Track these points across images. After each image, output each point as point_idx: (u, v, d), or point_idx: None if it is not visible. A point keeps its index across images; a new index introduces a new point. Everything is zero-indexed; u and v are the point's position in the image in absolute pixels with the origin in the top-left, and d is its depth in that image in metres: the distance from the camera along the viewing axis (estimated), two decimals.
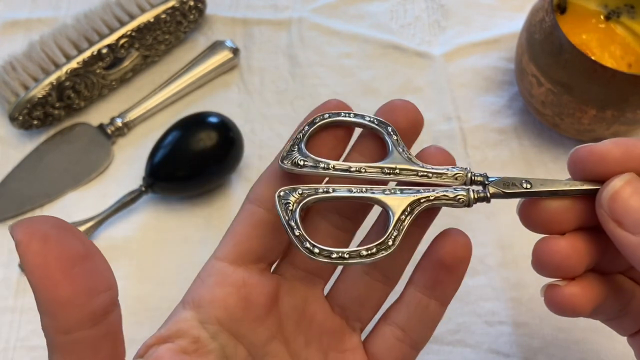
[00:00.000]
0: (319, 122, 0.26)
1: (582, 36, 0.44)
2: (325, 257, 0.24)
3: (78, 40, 0.46)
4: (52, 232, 0.20)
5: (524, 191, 0.24)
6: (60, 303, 0.20)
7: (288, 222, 0.24)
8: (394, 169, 0.25)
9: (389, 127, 0.26)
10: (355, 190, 0.25)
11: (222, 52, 0.49)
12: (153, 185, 0.43)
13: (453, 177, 0.25)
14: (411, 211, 0.24)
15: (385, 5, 0.53)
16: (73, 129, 0.47)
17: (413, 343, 0.28)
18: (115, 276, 0.44)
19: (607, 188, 0.23)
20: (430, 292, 0.27)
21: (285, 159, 0.25)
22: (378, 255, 0.24)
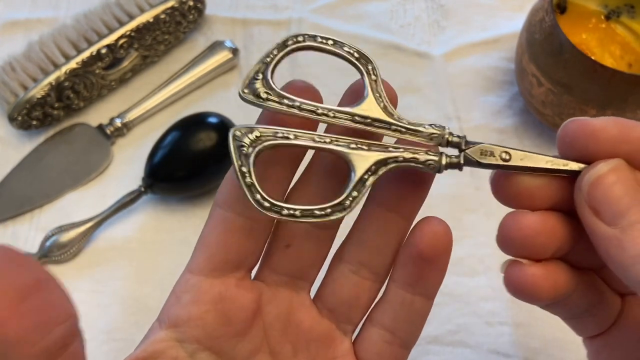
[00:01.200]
0: (291, 46, 0.23)
1: (582, 36, 0.44)
2: (275, 213, 0.21)
3: (77, 41, 0.46)
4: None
5: (501, 164, 0.22)
6: (10, 342, 0.18)
7: (240, 168, 0.21)
8: (366, 117, 0.23)
9: (370, 65, 0.23)
10: (319, 140, 0.22)
11: (222, 53, 0.49)
12: (152, 186, 0.43)
13: (428, 136, 0.23)
14: (375, 171, 0.22)
15: (385, 5, 0.53)
16: (72, 130, 0.47)
17: (403, 343, 0.26)
18: (115, 277, 0.44)
19: (590, 171, 0.21)
20: (414, 289, 0.25)
21: (247, 88, 0.22)
22: (332, 216, 0.22)
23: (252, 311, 0.25)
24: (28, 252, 0.42)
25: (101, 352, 0.40)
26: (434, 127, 0.23)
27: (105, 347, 0.40)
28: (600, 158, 0.21)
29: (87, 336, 0.43)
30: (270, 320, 0.26)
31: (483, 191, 0.45)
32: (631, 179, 0.21)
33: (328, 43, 0.23)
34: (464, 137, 0.23)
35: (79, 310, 0.20)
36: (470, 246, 0.43)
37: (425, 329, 0.40)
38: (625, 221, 0.20)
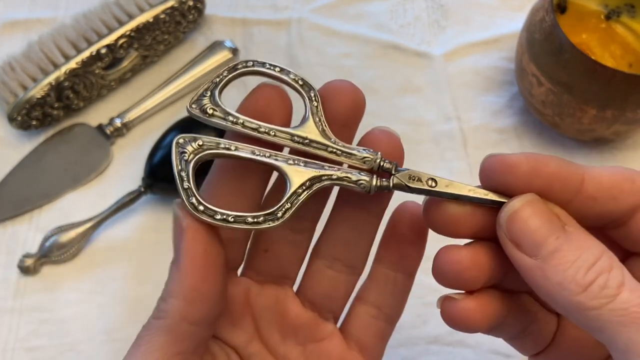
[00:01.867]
0: (240, 69, 0.25)
1: (582, 36, 0.44)
2: (208, 217, 0.23)
3: (77, 41, 0.46)
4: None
5: (427, 189, 0.24)
6: (202, 295, 0.22)
7: (179, 172, 0.23)
8: (304, 138, 0.24)
9: (312, 92, 0.25)
10: (259, 154, 0.24)
11: (222, 52, 0.49)
12: (152, 186, 0.43)
13: (361, 159, 0.24)
14: (310, 186, 0.23)
15: (385, 5, 0.53)
16: (72, 130, 0.47)
17: (387, 318, 0.28)
18: (115, 277, 0.44)
19: (506, 208, 0.23)
20: (396, 266, 0.27)
21: (195, 104, 0.24)
22: (264, 225, 0.23)
23: (241, 302, 0.27)
24: (28, 252, 0.42)
25: (101, 352, 0.40)
26: (367, 151, 0.24)
27: (105, 347, 0.40)
28: (516, 191, 0.23)
29: (87, 336, 0.43)
30: (259, 312, 0.28)
31: None
32: (545, 211, 0.22)
33: (275, 70, 0.25)
34: (395, 163, 0.24)
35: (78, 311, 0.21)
36: None
37: (425, 329, 0.41)
38: (544, 251, 0.21)
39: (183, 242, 0.22)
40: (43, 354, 0.40)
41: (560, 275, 0.21)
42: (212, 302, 0.23)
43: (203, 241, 0.23)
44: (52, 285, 0.42)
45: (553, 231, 0.22)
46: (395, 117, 0.48)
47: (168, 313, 0.23)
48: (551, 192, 0.23)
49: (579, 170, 0.23)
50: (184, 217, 0.23)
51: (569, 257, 0.21)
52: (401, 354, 0.40)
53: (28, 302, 0.41)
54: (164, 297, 0.23)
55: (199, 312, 0.23)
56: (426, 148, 0.47)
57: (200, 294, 0.23)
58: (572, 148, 0.46)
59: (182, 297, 0.22)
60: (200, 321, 0.23)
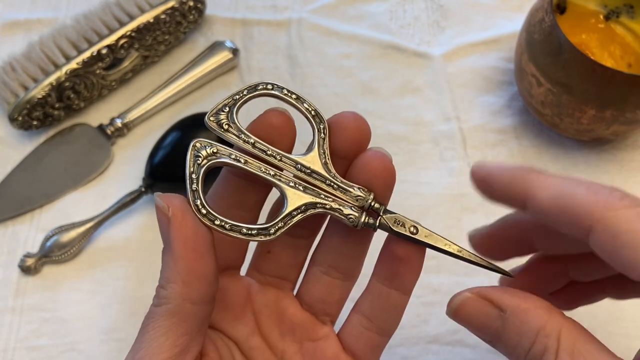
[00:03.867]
0: (260, 91, 0.26)
1: (581, 36, 0.44)
2: (208, 220, 0.24)
3: (77, 41, 0.46)
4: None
5: (408, 235, 0.26)
6: (199, 276, 0.24)
7: (191, 174, 0.24)
8: (307, 168, 0.25)
9: (322, 124, 0.26)
10: (264, 171, 0.25)
11: (222, 53, 0.49)
12: (153, 186, 0.43)
13: (354, 197, 0.26)
14: (304, 210, 0.25)
15: (384, 6, 0.53)
16: (73, 130, 0.47)
17: (380, 330, 0.29)
18: (116, 277, 0.44)
19: (447, 310, 0.26)
20: (390, 283, 0.27)
21: (213, 116, 0.25)
22: (257, 237, 0.25)
23: (243, 298, 0.29)
24: (28, 251, 0.42)
25: (101, 352, 0.40)
26: (362, 190, 0.26)
27: (105, 347, 0.40)
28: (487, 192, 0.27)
29: (87, 336, 0.43)
30: (259, 307, 0.29)
31: None
32: (476, 307, 0.25)
33: (292, 97, 0.26)
34: (384, 205, 0.26)
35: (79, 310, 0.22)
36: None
37: (424, 328, 0.41)
38: (491, 340, 0.25)
39: (172, 230, 0.23)
40: (43, 353, 0.40)
41: (511, 357, 0.24)
42: (209, 280, 0.24)
43: (191, 225, 0.24)
44: (52, 285, 0.42)
45: (490, 323, 0.24)
46: (395, 117, 0.48)
47: (169, 298, 0.24)
48: (507, 192, 0.26)
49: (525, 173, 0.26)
50: (169, 206, 0.24)
51: (509, 344, 0.24)
52: (401, 353, 0.40)
53: (29, 301, 0.41)
54: (162, 284, 0.24)
55: (198, 291, 0.24)
56: (426, 148, 0.47)
57: (196, 274, 0.24)
58: (571, 148, 0.46)
59: (181, 281, 0.24)
60: (200, 300, 0.24)
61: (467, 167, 0.46)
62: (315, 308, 0.29)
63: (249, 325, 0.29)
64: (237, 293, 0.29)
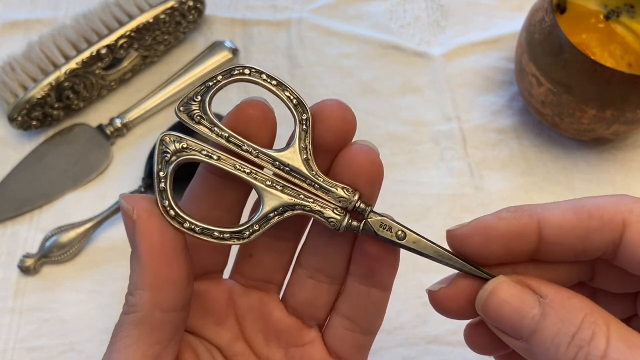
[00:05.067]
0: (236, 76, 0.23)
1: (581, 36, 0.44)
2: (177, 223, 0.22)
3: (77, 41, 0.46)
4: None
5: (393, 240, 0.23)
6: (168, 281, 0.22)
7: (158, 172, 0.22)
8: (286, 165, 0.23)
9: (305, 115, 0.23)
10: (239, 168, 0.23)
11: (222, 53, 0.49)
12: (152, 186, 0.43)
13: (337, 199, 0.23)
14: (282, 212, 0.23)
15: (384, 6, 0.53)
16: (72, 130, 0.47)
17: (364, 330, 0.28)
18: (115, 277, 0.44)
19: (477, 302, 0.23)
20: (368, 281, 0.26)
21: (183, 107, 0.23)
22: (229, 241, 0.23)
23: (225, 302, 0.27)
24: (28, 252, 0.42)
25: (101, 352, 0.40)
26: (346, 191, 0.23)
27: (105, 347, 0.40)
28: (481, 258, 0.23)
29: (87, 336, 0.43)
30: (243, 312, 0.28)
31: (482, 191, 0.45)
32: (515, 292, 0.22)
33: (272, 83, 0.23)
34: (370, 206, 0.24)
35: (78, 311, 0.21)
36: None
37: (424, 329, 0.41)
38: (525, 334, 0.21)
39: (137, 233, 0.22)
40: (43, 353, 0.40)
41: (544, 355, 0.21)
42: (180, 286, 0.23)
43: (157, 228, 0.22)
44: (52, 285, 0.42)
45: (528, 310, 0.22)
46: (395, 117, 0.48)
47: (138, 305, 0.22)
48: (512, 250, 0.23)
49: (532, 221, 0.23)
50: (133, 208, 0.22)
51: (548, 335, 0.21)
52: (401, 353, 0.40)
53: (28, 302, 0.41)
54: (130, 291, 0.23)
55: (167, 298, 0.23)
56: (426, 148, 0.47)
57: (165, 280, 0.22)
58: (572, 148, 0.46)
59: (148, 287, 0.22)
60: (171, 307, 0.23)
61: (467, 167, 0.46)
62: (300, 312, 0.28)
63: (231, 331, 0.27)
64: (219, 297, 0.27)
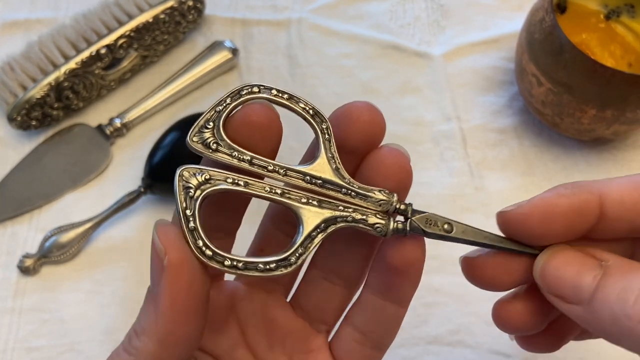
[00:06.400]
0: (245, 96, 0.22)
1: (582, 36, 0.44)
2: (217, 263, 0.21)
3: (76, 41, 0.46)
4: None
5: (442, 234, 0.23)
6: (181, 340, 0.21)
7: (184, 211, 0.21)
8: (318, 178, 0.22)
9: (324, 124, 0.23)
10: (270, 190, 0.22)
11: (221, 53, 0.49)
12: (152, 186, 0.43)
13: (377, 202, 0.22)
14: (325, 228, 0.22)
15: (384, 5, 0.53)
16: (71, 130, 0.47)
17: (374, 345, 0.26)
18: (115, 277, 0.44)
19: (535, 267, 0.23)
20: (385, 295, 0.25)
21: (196, 137, 0.22)
22: (276, 271, 0.21)
23: (226, 308, 0.26)
24: (27, 252, 0.42)
25: (101, 352, 0.40)
26: (383, 193, 0.23)
27: (105, 347, 0.40)
28: (538, 239, 0.23)
29: (86, 336, 0.43)
30: (245, 316, 0.26)
31: (482, 191, 0.45)
32: (574, 255, 0.22)
33: (283, 97, 0.23)
34: (410, 204, 0.23)
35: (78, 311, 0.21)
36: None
37: (425, 329, 0.40)
38: (586, 294, 0.21)
39: (163, 281, 0.20)
40: (43, 354, 0.40)
41: (609, 313, 0.20)
42: (190, 344, 0.22)
43: (186, 281, 0.20)
44: (52, 286, 0.42)
45: (589, 271, 0.21)
46: (395, 117, 0.48)
47: (139, 352, 0.21)
48: (571, 228, 0.22)
49: (593, 196, 0.22)
50: (166, 249, 0.20)
51: (612, 291, 0.20)
52: (401, 354, 0.40)
53: (28, 302, 0.41)
54: (136, 331, 0.22)
55: (173, 356, 0.21)
56: (426, 148, 0.47)
57: (177, 338, 0.21)
58: (572, 148, 0.46)
59: (157, 340, 0.21)
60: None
61: (468, 167, 0.46)
62: (311, 314, 0.27)
63: (232, 337, 0.26)
64: (219, 304, 0.26)
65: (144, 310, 0.22)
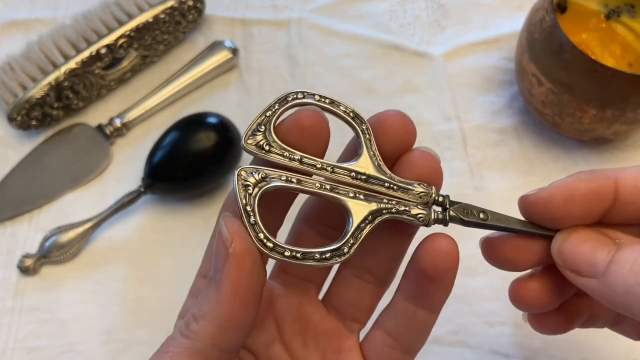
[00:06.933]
0: (292, 101, 0.24)
1: (582, 35, 0.44)
2: (277, 254, 0.23)
3: (76, 41, 0.46)
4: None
5: (479, 222, 0.25)
6: (238, 326, 0.22)
7: (244, 207, 0.22)
8: (363, 174, 0.24)
9: (364, 125, 0.25)
10: (321, 186, 0.24)
11: (221, 52, 0.49)
12: (152, 186, 0.43)
13: (417, 195, 0.24)
14: (372, 220, 0.24)
15: (384, 5, 0.53)
16: (71, 130, 0.47)
17: (404, 349, 0.27)
18: (115, 277, 0.44)
19: (554, 244, 0.24)
20: (417, 302, 0.26)
21: (250, 139, 0.24)
22: (331, 260, 0.23)
23: (265, 305, 0.27)
24: (27, 252, 0.42)
25: (101, 352, 0.40)
26: (422, 186, 0.24)
27: (105, 347, 0.40)
28: (559, 221, 0.24)
29: (86, 336, 0.43)
30: (282, 314, 0.28)
31: (483, 191, 0.45)
32: (591, 234, 0.23)
33: (325, 102, 0.25)
34: (448, 196, 0.25)
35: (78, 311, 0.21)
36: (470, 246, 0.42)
37: None
38: (601, 267, 0.22)
39: (227, 268, 0.22)
40: (43, 354, 0.40)
41: (622, 284, 0.21)
42: (245, 331, 0.23)
43: (248, 269, 0.22)
44: (51, 286, 0.42)
45: (604, 247, 0.23)
46: None
47: (198, 335, 0.22)
48: (589, 210, 0.24)
49: (609, 181, 0.24)
50: (232, 239, 0.22)
51: (625, 263, 0.22)
52: None
53: (28, 302, 0.41)
54: (195, 316, 0.23)
55: (230, 340, 0.22)
56: None
57: (235, 323, 0.22)
58: (572, 148, 0.46)
59: (217, 324, 0.22)
60: (231, 349, 0.23)
61: (468, 167, 0.46)
62: (343, 312, 0.28)
63: (269, 334, 0.27)
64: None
65: (204, 297, 0.23)
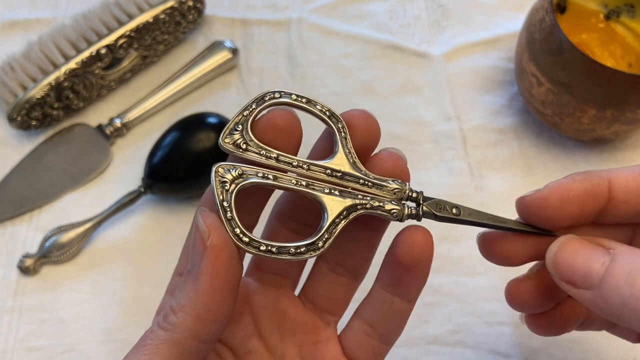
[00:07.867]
0: (268, 101, 0.25)
1: (582, 36, 0.44)
2: (253, 248, 0.23)
3: (77, 41, 0.46)
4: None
5: (452, 217, 0.25)
6: (215, 318, 0.23)
7: (221, 203, 0.23)
8: (338, 171, 0.25)
9: (340, 124, 0.25)
10: (297, 183, 0.24)
11: (221, 53, 0.49)
12: (152, 186, 0.43)
13: (391, 191, 0.25)
14: (347, 215, 0.24)
15: (384, 5, 0.53)
16: (72, 130, 0.47)
17: (382, 338, 0.28)
18: (115, 277, 0.44)
19: (547, 258, 0.24)
20: (394, 290, 0.27)
21: (227, 138, 0.24)
22: (306, 254, 0.24)
23: (241, 300, 0.28)
24: (27, 252, 0.42)
25: (101, 352, 0.40)
26: (396, 182, 0.25)
27: (105, 347, 0.40)
28: (554, 221, 0.25)
29: (86, 336, 0.43)
30: (258, 309, 0.28)
31: (482, 191, 0.45)
32: (584, 244, 0.24)
33: (302, 101, 0.25)
34: (421, 192, 0.26)
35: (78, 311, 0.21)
36: (470, 246, 0.43)
37: (425, 329, 0.40)
38: (595, 279, 0.22)
39: (205, 260, 0.22)
40: (43, 354, 0.40)
41: (617, 295, 0.21)
42: (224, 322, 0.23)
43: (225, 261, 0.22)
44: (52, 286, 0.42)
45: (597, 258, 0.23)
46: (395, 117, 0.48)
47: (177, 327, 0.23)
48: (584, 210, 0.24)
49: (603, 181, 0.24)
50: (209, 232, 0.22)
51: (620, 275, 0.22)
52: (401, 354, 0.40)
53: (28, 302, 0.41)
54: (173, 308, 0.23)
55: (208, 332, 0.23)
56: (426, 148, 0.47)
57: (213, 315, 0.23)
58: (572, 148, 0.46)
59: (195, 316, 0.22)
60: (208, 339, 0.23)
61: (468, 167, 0.46)
62: (319, 306, 0.29)
63: (246, 329, 0.28)
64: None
65: (182, 289, 0.23)
